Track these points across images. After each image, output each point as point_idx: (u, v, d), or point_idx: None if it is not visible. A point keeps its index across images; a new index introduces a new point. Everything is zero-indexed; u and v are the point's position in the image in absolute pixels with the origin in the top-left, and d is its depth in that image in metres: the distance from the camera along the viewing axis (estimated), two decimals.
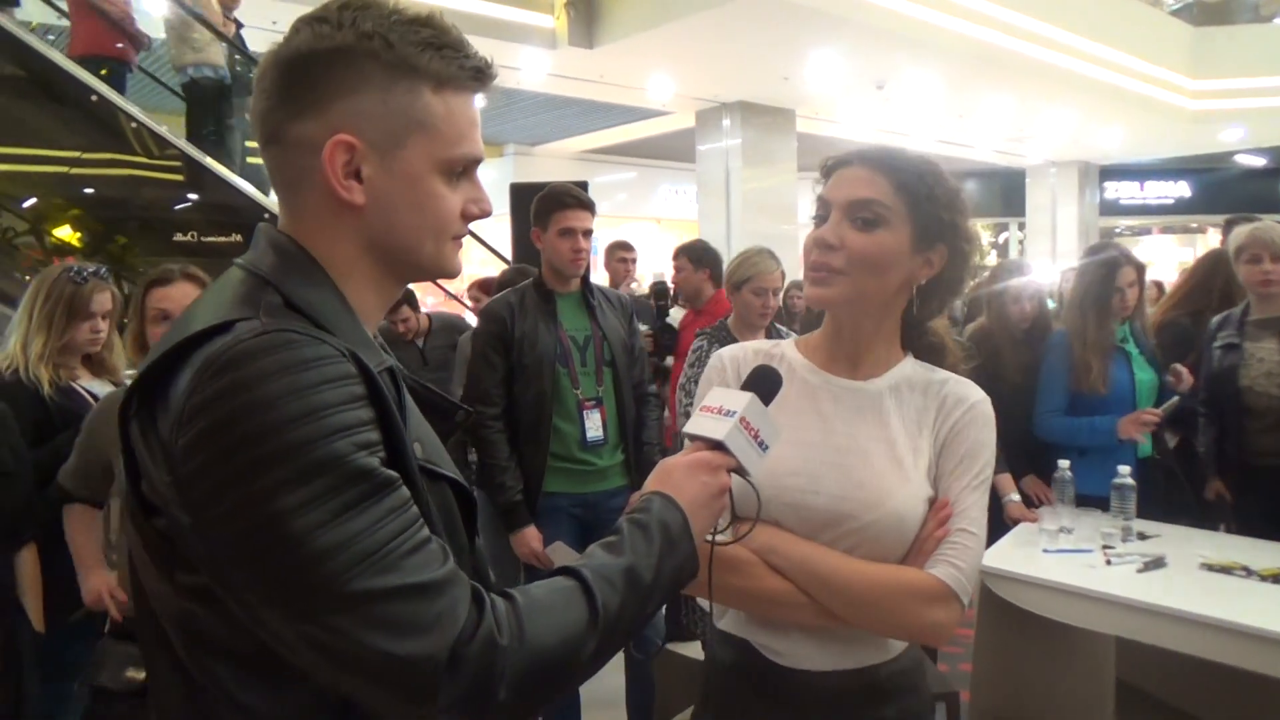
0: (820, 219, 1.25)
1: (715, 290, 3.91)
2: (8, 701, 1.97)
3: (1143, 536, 2.73)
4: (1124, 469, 2.74)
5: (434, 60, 0.85)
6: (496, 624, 0.75)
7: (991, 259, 19.33)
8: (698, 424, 1.05)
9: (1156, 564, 2.49)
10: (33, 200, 5.19)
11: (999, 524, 3.17)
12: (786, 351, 1.33)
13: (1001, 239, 19.61)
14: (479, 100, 0.92)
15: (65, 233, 5.30)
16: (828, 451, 1.23)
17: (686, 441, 1.06)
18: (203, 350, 0.75)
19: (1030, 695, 2.70)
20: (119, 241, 5.38)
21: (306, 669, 0.75)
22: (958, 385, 1.28)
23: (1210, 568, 2.46)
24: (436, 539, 0.78)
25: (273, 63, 0.85)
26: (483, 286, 5.28)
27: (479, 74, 0.89)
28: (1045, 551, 2.65)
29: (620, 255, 5.09)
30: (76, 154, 5.16)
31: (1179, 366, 3.11)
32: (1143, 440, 3.07)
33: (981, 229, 19.94)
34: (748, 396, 1.05)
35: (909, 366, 1.30)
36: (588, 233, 2.81)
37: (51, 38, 7.01)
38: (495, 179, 8.32)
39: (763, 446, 1.04)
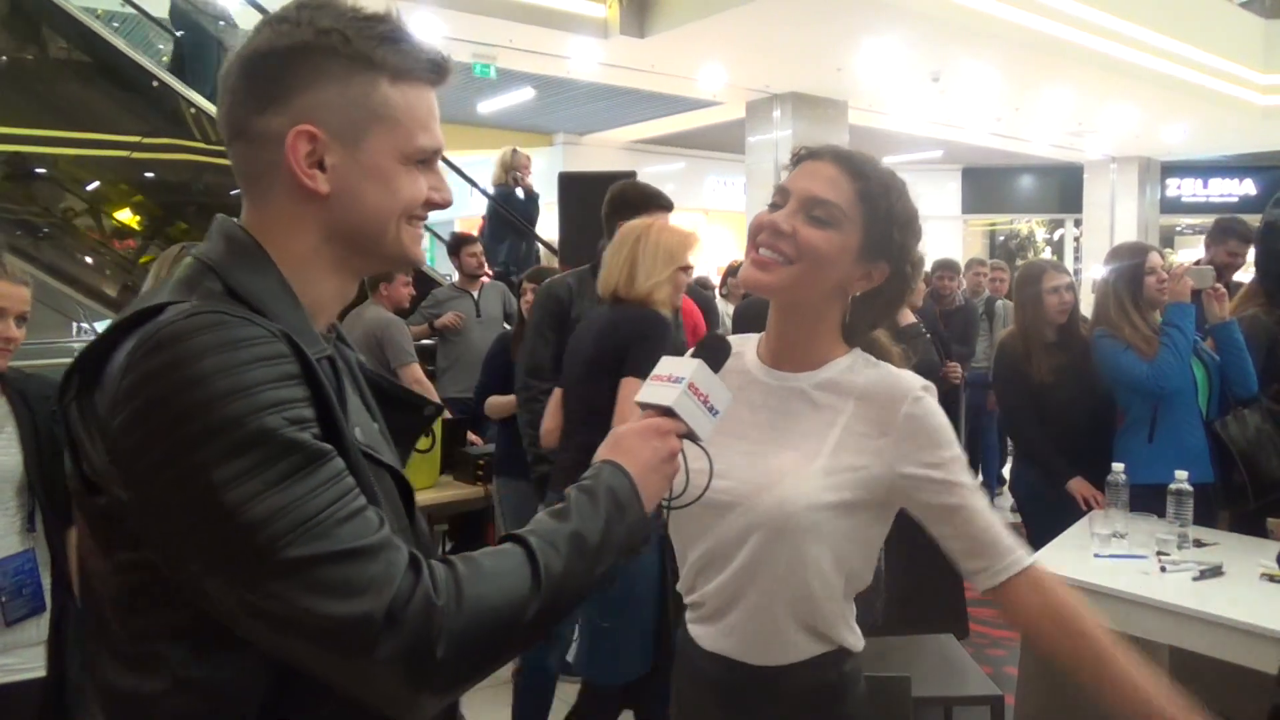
0: (776, 206, 1.26)
1: None
2: (54, 680, 2.00)
3: (1199, 544, 2.65)
4: (1181, 474, 2.66)
5: (390, 54, 0.89)
6: (434, 585, 0.78)
7: (1047, 255, 18.95)
8: (648, 392, 1.06)
9: (1214, 572, 2.42)
10: (95, 184, 5.31)
11: (1048, 516, 3.09)
12: (746, 348, 1.36)
13: (1056, 236, 19.20)
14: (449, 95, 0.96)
15: (126, 216, 5.43)
16: (738, 441, 1.25)
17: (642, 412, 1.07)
18: (136, 332, 0.78)
19: (1076, 702, 2.64)
20: (179, 226, 5.50)
21: (249, 637, 0.77)
22: (890, 385, 1.26)
23: (1272, 578, 2.38)
24: (374, 508, 0.81)
25: (237, 62, 0.89)
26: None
27: (436, 67, 0.92)
28: (1097, 556, 2.59)
29: None
30: (137, 139, 5.27)
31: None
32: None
33: (1036, 225, 19.56)
34: (695, 363, 1.06)
35: (847, 361, 1.29)
36: None
37: (116, 24, 7.17)
38: (544, 168, 8.31)
39: (713, 411, 1.06)
